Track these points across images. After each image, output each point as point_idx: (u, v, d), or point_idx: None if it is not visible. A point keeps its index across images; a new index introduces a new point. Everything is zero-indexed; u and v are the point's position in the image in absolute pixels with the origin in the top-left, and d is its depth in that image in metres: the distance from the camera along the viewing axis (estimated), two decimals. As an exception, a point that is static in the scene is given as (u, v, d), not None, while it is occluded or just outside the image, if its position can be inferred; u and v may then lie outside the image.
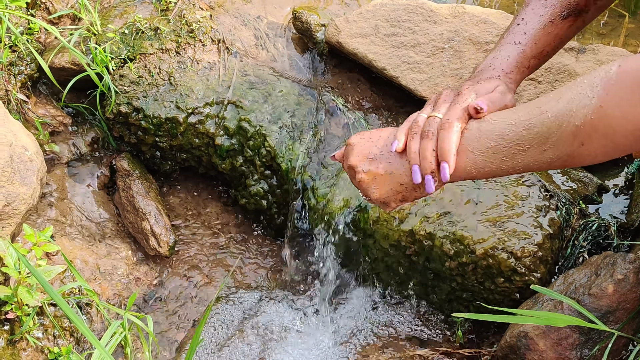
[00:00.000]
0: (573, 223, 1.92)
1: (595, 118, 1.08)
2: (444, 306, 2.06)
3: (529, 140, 1.16)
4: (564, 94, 1.13)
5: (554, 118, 1.13)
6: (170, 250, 2.26)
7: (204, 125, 2.23)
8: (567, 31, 1.46)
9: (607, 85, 1.07)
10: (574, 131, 1.11)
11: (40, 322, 1.88)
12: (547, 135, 1.14)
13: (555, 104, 1.13)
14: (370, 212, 2.02)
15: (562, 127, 1.12)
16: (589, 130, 1.10)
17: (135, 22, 2.31)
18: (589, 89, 1.09)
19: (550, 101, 1.15)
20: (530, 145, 1.16)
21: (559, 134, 1.13)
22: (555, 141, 1.14)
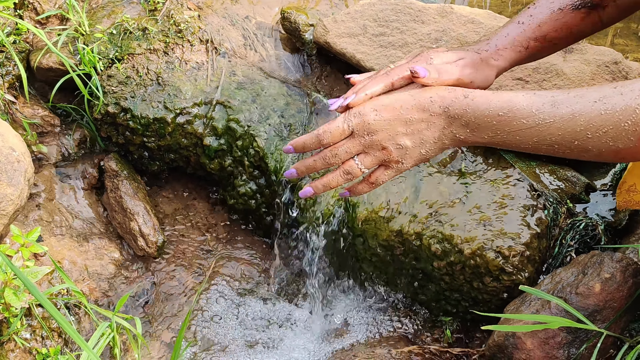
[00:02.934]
0: (561, 222, 1.93)
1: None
2: (432, 305, 2.06)
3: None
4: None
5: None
6: (159, 250, 2.26)
7: (192, 126, 2.23)
8: (579, 23, 1.46)
9: None
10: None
11: (28, 323, 1.88)
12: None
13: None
14: (358, 212, 2.02)
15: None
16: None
17: (123, 22, 2.31)
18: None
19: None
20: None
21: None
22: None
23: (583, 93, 1.16)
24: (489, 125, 1.22)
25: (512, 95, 1.21)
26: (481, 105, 1.21)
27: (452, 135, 1.27)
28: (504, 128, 1.21)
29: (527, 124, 1.18)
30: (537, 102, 1.18)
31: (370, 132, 1.28)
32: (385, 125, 1.28)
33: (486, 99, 1.22)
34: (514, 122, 1.19)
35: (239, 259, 2.34)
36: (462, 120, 1.24)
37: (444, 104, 1.24)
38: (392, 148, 1.29)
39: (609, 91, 1.13)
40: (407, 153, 1.30)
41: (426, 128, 1.27)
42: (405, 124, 1.27)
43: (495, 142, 1.24)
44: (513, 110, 1.19)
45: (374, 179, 1.36)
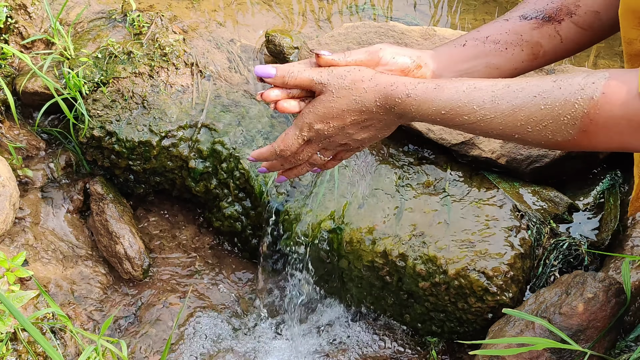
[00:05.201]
0: (544, 242, 1.94)
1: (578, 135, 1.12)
2: (418, 326, 2.07)
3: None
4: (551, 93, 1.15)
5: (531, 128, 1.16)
6: (145, 273, 2.26)
7: (178, 149, 2.23)
8: (530, 32, 1.46)
9: (588, 116, 1.10)
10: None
11: (14, 348, 1.87)
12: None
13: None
14: (343, 233, 2.03)
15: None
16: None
17: (108, 46, 2.32)
18: (572, 104, 1.11)
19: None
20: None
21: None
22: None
23: (523, 86, 1.17)
24: (434, 120, 1.25)
25: (454, 92, 1.22)
26: (423, 104, 1.24)
27: (403, 122, 1.32)
28: (448, 123, 1.24)
29: (469, 120, 1.21)
30: (477, 99, 1.20)
31: (326, 137, 1.34)
32: (339, 131, 1.32)
33: (428, 97, 1.24)
34: (457, 119, 1.22)
35: (225, 282, 2.34)
36: (408, 117, 1.28)
37: (389, 104, 1.27)
38: (351, 143, 1.35)
39: (548, 86, 1.14)
40: (365, 141, 1.36)
41: (377, 122, 1.31)
42: (357, 125, 1.31)
43: (444, 128, 1.31)
44: (454, 108, 1.21)
45: (339, 158, 1.43)
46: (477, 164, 2.10)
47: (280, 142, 1.37)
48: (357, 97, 1.28)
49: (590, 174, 2.13)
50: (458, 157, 2.12)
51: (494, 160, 2.05)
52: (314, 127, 1.32)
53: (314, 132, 1.33)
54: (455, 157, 2.14)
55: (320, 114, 1.31)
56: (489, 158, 2.05)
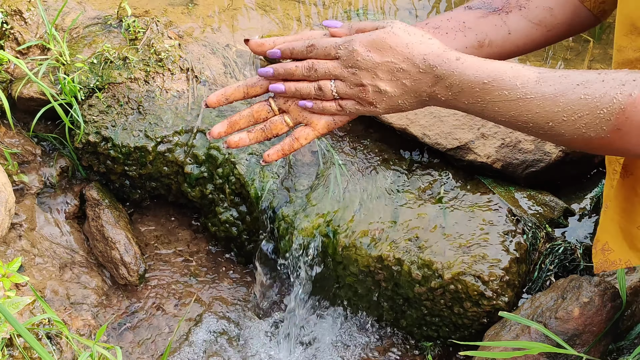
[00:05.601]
0: (540, 247, 1.94)
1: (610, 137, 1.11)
2: (414, 330, 2.07)
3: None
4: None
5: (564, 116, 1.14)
6: (140, 279, 2.26)
7: (173, 154, 2.23)
8: (475, 20, 1.46)
9: (624, 113, 1.08)
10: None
11: (10, 354, 1.87)
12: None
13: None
14: (339, 238, 2.03)
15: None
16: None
17: (104, 51, 2.32)
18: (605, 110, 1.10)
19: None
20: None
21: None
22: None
23: (568, 74, 1.14)
24: (471, 91, 1.20)
25: (500, 65, 1.20)
26: (469, 69, 1.20)
27: (434, 94, 1.25)
28: (485, 97, 1.19)
29: (508, 96, 1.17)
30: (522, 76, 1.17)
31: (355, 66, 1.28)
32: (372, 67, 1.27)
33: (476, 64, 1.21)
34: (496, 92, 1.18)
35: (221, 287, 2.34)
36: (446, 82, 1.22)
37: (434, 63, 1.23)
38: (370, 89, 1.28)
39: (592, 76, 1.12)
40: (384, 99, 1.29)
41: (411, 81, 1.25)
42: (391, 72, 1.26)
43: (473, 110, 1.23)
44: (498, 79, 1.18)
45: (343, 104, 1.33)
46: (472, 169, 2.11)
47: (319, 38, 1.33)
48: (410, 43, 1.25)
49: (585, 178, 2.14)
50: (454, 161, 2.13)
51: (490, 164, 2.05)
52: (355, 46, 1.27)
53: (350, 50, 1.27)
54: (451, 162, 2.14)
55: (369, 39, 1.26)
56: (484, 163, 2.06)
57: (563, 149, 2.02)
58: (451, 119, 2.11)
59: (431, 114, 2.13)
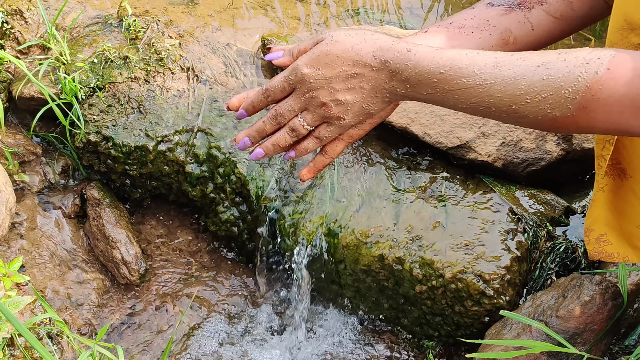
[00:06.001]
0: (541, 245, 1.94)
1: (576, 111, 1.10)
2: (415, 329, 2.07)
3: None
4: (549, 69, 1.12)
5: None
6: (141, 278, 2.26)
7: (174, 153, 2.23)
8: (496, 17, 1.45)
9: (590, 91, 1.07)
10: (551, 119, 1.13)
11: (11, 353, 1.87)
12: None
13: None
14: (340, 237, 2.03)
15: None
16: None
17: (104, 51, 2.32)
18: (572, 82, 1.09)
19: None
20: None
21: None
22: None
23: (526, 57, 1.13)
24: (429, 82, 1.18)
25: (455, 53, 1.18)
26: (423, 61, 1.18)
27: (392, 89, 1.23)
28: (444, 86, 1.17)
29: (467, 84, 1.15)
30: (479, 62, 1.15)
31: (311, 89, 1.26)
32: (325, 83, 1.25)
33: (429, 55, 1.18)
34: (454, 81, 1.16)
35: (222, 287, 2.33)
36: (402, 76, 1.20)
37: (385, 57, 1.21)
38: (332, 104, 1.26)
39: (552, 57, 1.11)
40: (348, 109, 1.27)
41: (367, 82, 1.23)
42: (344, 80, 1.24)
43: (433, 100, 1.21)
44: (454, 68, 1.16)
45: (317, 134, 1.32)
46: (473, 168, 2.11)
47: (268, 82, 1.32)
48: (355, 45, 1.23)
49: (586, 176, 2.13)
50: (454, 160, 2.13)
51: (490, 163, 2.05)
52: (302, 71, 1.25)
53: (299, 77, 1.26)
54: (451, 161, 2.14)
55: (312, 57, 1.25)
56: (485, 161, 2.05)
57: (564, 147, 2.02)
58: (452, 117, 2.11)
59: (432, 112, 2.13)
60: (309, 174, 1.40)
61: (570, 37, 2.64)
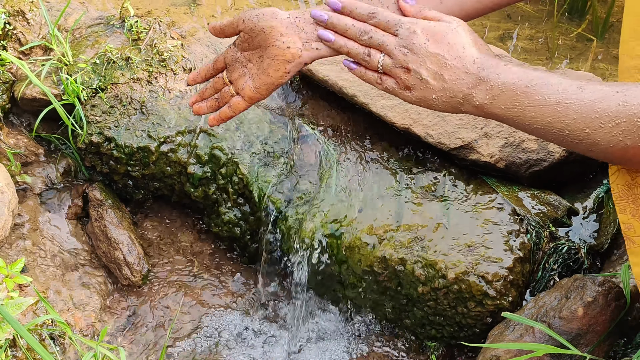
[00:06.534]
0: (543, 246, 1.94)
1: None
2: (417, 330, 2.07)
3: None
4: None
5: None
6: (144, 279, 2.26)
7: (176, 154, 2.23)
8: None
9: None
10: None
11: (13, 354, 1.87)
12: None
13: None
14: (342, 238, 2.03)
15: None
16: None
17: (106, 52, 2.32)
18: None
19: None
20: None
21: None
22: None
23: (610, 83, 1.15)
24: (511, 94, 1.22)
25: (544, 72, 1.22)
26: (513, 73, 1.23)
27: (470, 96, 1.28)
28: (524, 101, 1.21)
29: (547, 101, 1.18)
30: (564, 82, 1.18)
31: (409, 48, 1.31)
32: (424, 54, 1.30)
33: (521, 70, 1.23)
34: (536, 96, 1.19)
35: (224, 287, 2.33)
36: (488, 84, 1.25)
37: (482, 65, 1.26)
38: (413, 74, 1.31)
39: (631, 85, 1.13)
40: (422, 88, 1.32)
41: (453, 78, 1.28)
42: (439, 65, 1.29)
43: (508, 116, 1.23)
44: (540, 84, 1.19)
45: (384, 79, 1.38)
46: (476, 168, 2.10)
47: (389, 12, 1.38)
48: (466, 44, 1.30)
49: (589, 177, 2.13)
50: (457, 161, 2.12)
51: (493, 164, 2.05)
52: (415, 29, 1.32)
53: (410, 32, 1.33)
54: (454, 162, 2.14)
55: (432, 28, 1.32)
56: (487, 162, 2.05)
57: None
58: (454, 118, 2.11)
59: (434, 113, 2.13)
60: (214, 122, 1.60)
61: (574, 38, 2.63)
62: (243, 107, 1.52)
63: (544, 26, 2.69)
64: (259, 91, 1.47)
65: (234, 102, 1.51)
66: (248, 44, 1.46)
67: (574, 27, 2.67)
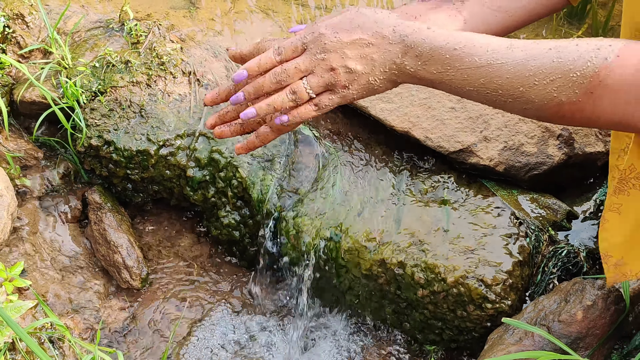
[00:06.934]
0: (543, 250, 1.94)
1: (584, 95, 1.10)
2: (416, 334, 2.06)
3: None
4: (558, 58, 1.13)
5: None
6: (143, 283, 2.26)
7: (176, 157, 2.23)
8: (427, 12, 1.49)
9: (598, 76, 1.08)
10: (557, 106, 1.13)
11: (12, 358, 1.87)
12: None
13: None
14: (342, 242, 2.03)
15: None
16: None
17: (106, 55, 2.32)
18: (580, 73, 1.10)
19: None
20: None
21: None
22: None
23: (539, 42, 1.15)
24: (441, 58, 1.20)
25: (471, 34, 1.20)
26: (439, 37, 1.21)
27: (402, 65, 1.25)
28: (455, 64, 1.19)
29: (478, 62, 1.17)
30: (493, 43, 1.17)
31: (324, 50, 1.27)
32: (340, 47, 1.26)
33: (445, 33, 1.21)
34: (466, 59, 1.18)
35: (224, 291, 2.33)
36: (416, 50, 1.22)
37: (404, 33, 1.23)
38: (341, 71, 1.27)
39: (565, 42, 1.12)
40: (356, 79, 1.28)
41: (379, 55, 1.25)
42: (360, 48, 1.26)
43: (441, 80, 1.22)
44: (469, 46, 1.18)
45: (317, 101, 1.33)
46: (475, 172, 2.10)
47: (281, 41, 1.34)
48: (378, 19, 1.25)
49: (588, 180, 2.13)
50: (456, 164, 2.12)
51: (492, 167, 2.05)
52: (320, 31, 1.27)
53: (316, 36, 1.28)
54: (453, 165, 2.14)
55: (334, 21, 1.28)
56: (487, 166, 2.05)
57: (566, 152, 2.02)
58: (454, 122, 2.11)
59: (433, 117, 2.13)
60: (241, 150, 1.52)
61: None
62: (271, 138, 1.46)
63: (544, 30, 2.69)
64: (283, 123, 1.39)
65: (262, 132, 1.44)
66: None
67: (573, 31, 2.67)
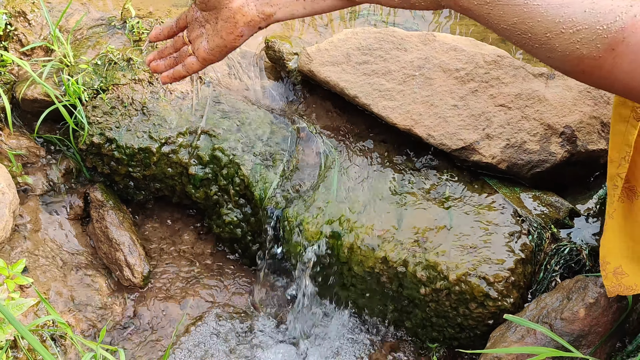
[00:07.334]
0: (545, 247, 1.93)
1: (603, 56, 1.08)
2: (418, 332, 2.06)
3: None
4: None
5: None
6: (145, 280, 2.25)
7: (178, 155, 2.23)
8: None
9: (622, 32, 1.06)
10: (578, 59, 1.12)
11: (14, 355, 1.87)
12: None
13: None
14: (344, 240, 2.03)
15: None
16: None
17: (107, 53, 2.32)
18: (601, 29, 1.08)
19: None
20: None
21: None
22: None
23: None
24: None
25: None
26: None
27: None
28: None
29: (515, 1, 1.15)
30: None
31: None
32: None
33: None
34: None
35: (225, 288, 2.33)
36: None
37: None
38: None
39: None
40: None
41: None
42: None
43: (480, 13, 1.18)
44: None
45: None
46: (477, 169, 2.10)
47: None
48: None
49: (590, 178, 2.13)
50: (458, 162, 2.12)
51: (495, 165, 2.05)
52: None
53: None
54: (455, 163, 2.13)
55: None
56: (489, 163, 2.05)
57: (568, 149, 2.02)
58: (456, 119, 2.11)
59: (436, 114, 2.12)
60: (166, 79, 1.53)
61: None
62: (197, 68, 1.48)
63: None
64: (212, 53, 1.43)
65: (189, 62, 1.47)
66: (206, 4, 1.41)
67: None
